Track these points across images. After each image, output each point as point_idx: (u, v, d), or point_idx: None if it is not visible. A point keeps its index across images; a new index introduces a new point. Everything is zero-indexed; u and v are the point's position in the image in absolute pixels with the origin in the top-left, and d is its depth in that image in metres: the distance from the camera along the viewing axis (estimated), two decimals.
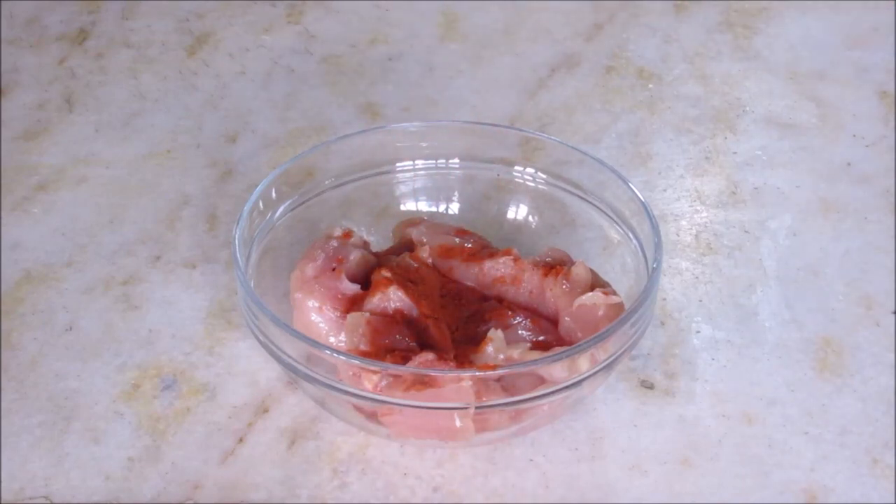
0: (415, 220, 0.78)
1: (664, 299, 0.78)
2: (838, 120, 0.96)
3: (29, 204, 0.86)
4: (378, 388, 0.63)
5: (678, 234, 0.84)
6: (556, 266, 0.72)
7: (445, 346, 0.68)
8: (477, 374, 0.62)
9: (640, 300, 0.66)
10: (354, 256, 0.72)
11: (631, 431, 0.69)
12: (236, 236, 0.70)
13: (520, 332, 0.69)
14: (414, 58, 1.04)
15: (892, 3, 1.12)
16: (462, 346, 0.68)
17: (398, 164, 0.80)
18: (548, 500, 0.65)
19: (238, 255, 0.70)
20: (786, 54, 1.05)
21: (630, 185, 0.74)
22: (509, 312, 0.70)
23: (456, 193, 0.81)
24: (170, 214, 0.85)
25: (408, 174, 0.81)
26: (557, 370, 0.63)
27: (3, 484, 0.66)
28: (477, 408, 0.62)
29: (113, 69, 1.03)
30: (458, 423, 0.63)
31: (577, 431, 0.69)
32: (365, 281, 0.72)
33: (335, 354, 0.64)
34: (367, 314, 0.68)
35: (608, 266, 0.75)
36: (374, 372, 0.63)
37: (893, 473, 0.67)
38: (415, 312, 0.69)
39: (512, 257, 0.73)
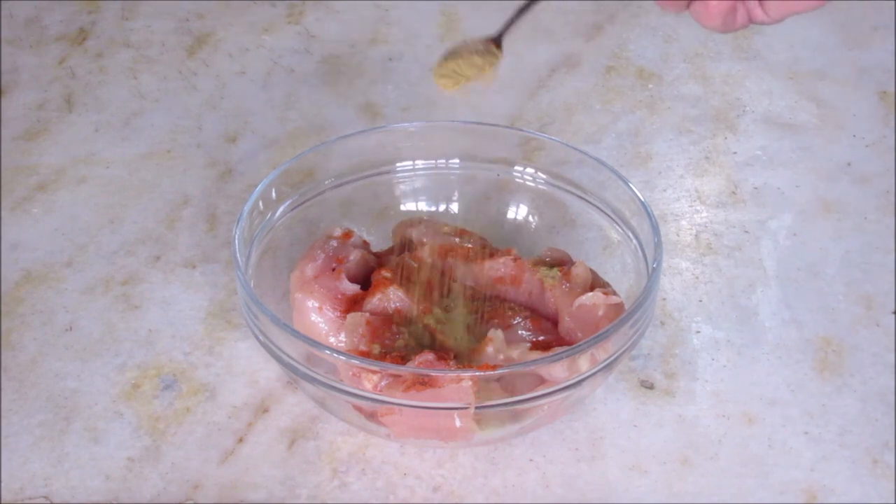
0: (415, 220, 0.78)
1: (664, 299, 0.78)
2: (838, 120, 0.96)
3: (29, 204, 0.86)
4: (378, 388, 0.63)
5: (678, 234, 0.84)
6: (556, 266, 0.72)
7: (445, 346, 0.68)
8: (477, 374, 0.62)
9: (640, 300, 0.66)
10: (354, 256, 0.72)
11: (631, 431, 0.69)
12: (236, 236, 0.70)
13: (520, 332, 0.69)
14: (414, 58, 1.04)
15: (893, 3, 1.12)
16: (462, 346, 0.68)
17: (398, 164, 0.80)
18: (548, 500, 0.65)
19: (238, 255, 0.70)
20: (786, 54, 1.05)
21: (630, 185, 0.74)
22: (509, 312, 0.70)
23: (456, 193, 0.81)
24: (170, 214, 0.85)
25: (408, 174, 0.81)
26: (557, 370, 0.63)
27: (3, 484, 0.66)
28: (477, 408, 0.62)
29: (113, 69, 1.03)
30: (458, 423, 0.63)
31: (577, 431, 0.69)
32: (365, 281, 0.72)
33: (335, 354, 0.64)
34: (367, 314, 0.68)
35: (608, 266, 0.75)
36: (374, 372, 0.63)
37: (893, 473, 0.67)
38: (415, 312, 0.69)
39: (512, 257, 0.73)
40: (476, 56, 0.67)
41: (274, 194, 0.75)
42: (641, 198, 0.73)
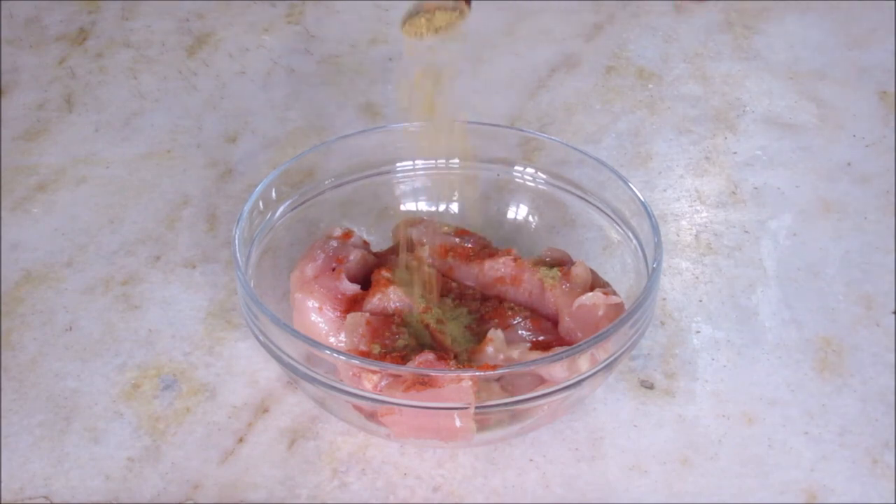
0: (415, 220, 0.78)
1: (664, 299, 0.78)
2: (838, 120, 0.96)
3: (29, 204, 0.86)
4: (378, 388, 0.63)
5: (678, 234, 0.84)
6: (556, 266, 0.72)
7: (445, 346, 0.68)
8: (477, 374, 0.62)
9: (640, 300, 0.66)
10: (354, 256, 0.72)
11: (631, 431, 0.69)
12: (236, 236, 0.70)
13: (520, 332, 0.69)
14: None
15: (893, 3, 1.12)
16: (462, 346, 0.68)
17: (398, 164, 0.80)
18: (548, 500, 0.65)
19: (238, 255, 0.70)
20: (786, 54, 1.05)
21: (630, 185, 0.74)
22: (509, 312, 0.70)
23: (456, 193, 0.81)
24: (170, 214, 0.85)
25: (408, 174, 0.81)
26: (557, 370, 0.63)
27: (3, 484, 0.66)
28: (477, 408, 0.62)
29: (113, 69, 1.03)
30: (458, 423, 0.63)
31: (577, 431, 0.69)
32: (365, 281, 0.72)
33: (335, 354, 0.64)
34: (367, 314, 0.68)
35: (608, 266, 0.75)
36: (374, 372, 0.63)
37: (893, 473, 0.67)
38: (415, 312, 0.69)
39: (512, 257, 0.73)
40: (444, 13, 0.68)
41: (274, 194, 0.75)
42: (641, 198, 0.73)
